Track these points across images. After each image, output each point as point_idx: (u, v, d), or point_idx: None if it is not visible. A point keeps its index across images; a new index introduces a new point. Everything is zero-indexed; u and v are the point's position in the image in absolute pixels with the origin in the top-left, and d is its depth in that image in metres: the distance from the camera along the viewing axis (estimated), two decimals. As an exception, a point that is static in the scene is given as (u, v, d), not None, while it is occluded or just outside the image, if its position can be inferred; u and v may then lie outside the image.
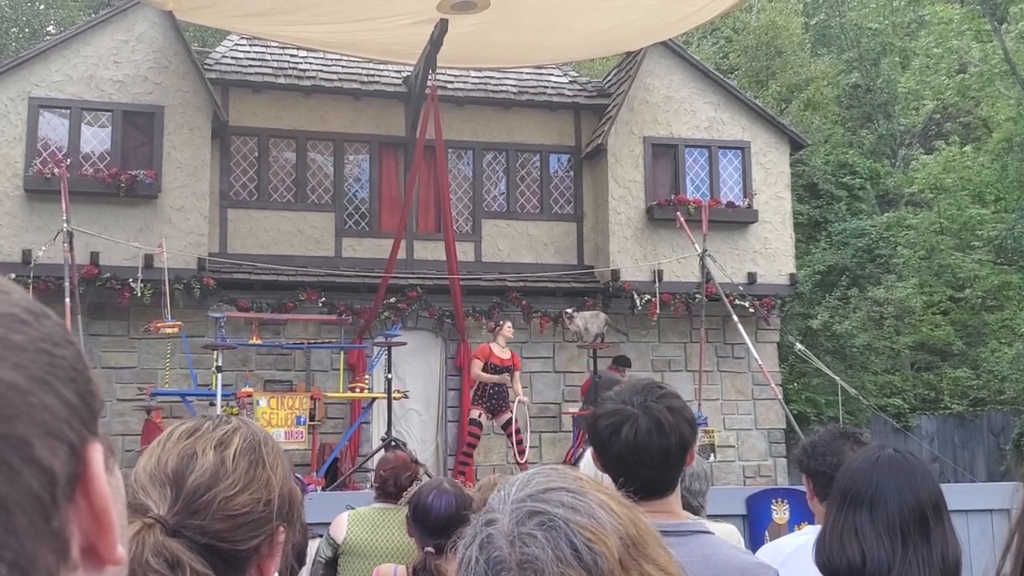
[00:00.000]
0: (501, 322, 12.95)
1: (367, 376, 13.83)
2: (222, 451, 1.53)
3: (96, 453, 0.68)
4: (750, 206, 16.41)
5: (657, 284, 15.48)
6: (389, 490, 5.43)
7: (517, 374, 12.73)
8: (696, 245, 13.63)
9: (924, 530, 2.41)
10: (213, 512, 1.47)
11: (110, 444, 0.72)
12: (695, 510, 4.00)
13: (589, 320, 13.44)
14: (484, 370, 12.39)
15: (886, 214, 24.33)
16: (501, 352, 12.49)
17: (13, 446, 0.62)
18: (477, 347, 13.10)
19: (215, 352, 11.80)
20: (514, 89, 16.67)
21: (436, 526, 4.02)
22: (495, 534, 1.01)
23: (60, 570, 0.64)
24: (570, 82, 17.35)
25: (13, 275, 13.31)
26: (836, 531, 2.49)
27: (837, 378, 14.83)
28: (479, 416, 12.38)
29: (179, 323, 12.50)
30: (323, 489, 11.17)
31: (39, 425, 0.63)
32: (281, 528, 1.55)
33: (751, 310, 15.52)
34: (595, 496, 1.04)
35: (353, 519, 5.34)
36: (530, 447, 13.03)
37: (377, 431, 14.20)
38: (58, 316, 0.70)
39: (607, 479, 2.49)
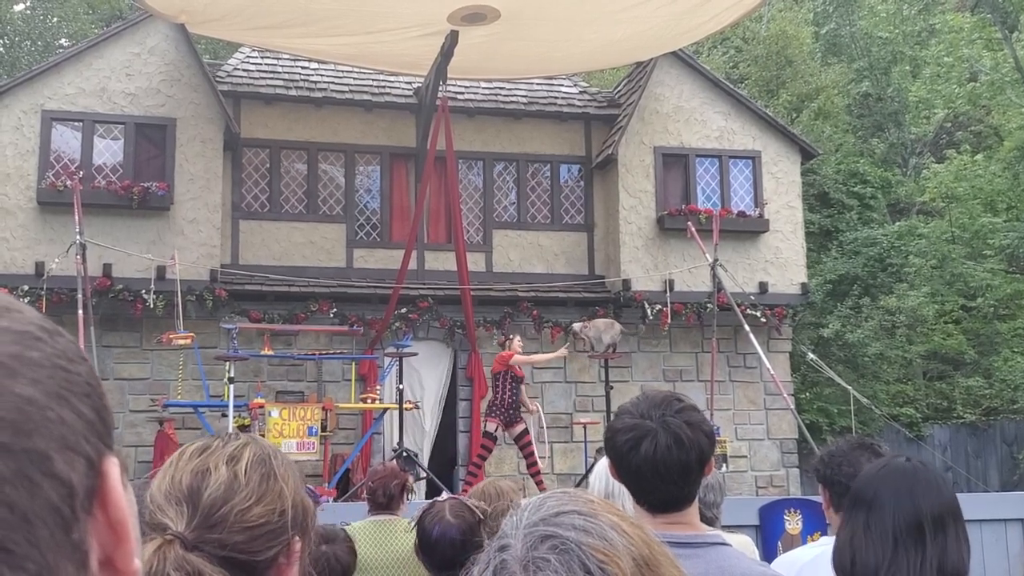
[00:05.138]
0: (512, 336, 12.87)
1: (378, 386, 13.84)
2: (234, 465, 1.56)
3: (113, 466, 0.69)
4: (761, 215, 16.40)
5: (668, 294, 15.46)
6: (380, 500, 5.38)
7: (523, 387, 12.69)
8: (707, 255, 13.61)
9: (919, 540, 2.41)
10: (230, 525, 1.50)
11: (124, 459, 0.73)
12: (709, 521, 4.00)
13: (603, 330, 13.40)
14: (502, 378, 12.21)
15: (897, 223, 24.27)
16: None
17: (33, 460, 0.63)
18: (503, 353, 12.51)
19: (227, 363, 11.82)
20: (524, 100, 16.70)
21: (443, 561, 3.96)
22: (508, 560, 1.02)
23: None
24: (580, 92, 17.38)
25: (26, 287, 13.40)
26: (840, 535, 2.53)
27: (849, 388, 14.80)
28: (495, 429, 12.29)
29: (191, 334, 12.53)
30: (335, 500, 11.17)
31: (57, 439, 0.64)
32: (297, 538, 1.57)
33: (763, 320, 15.50)
34: (607, 518, 1.04)
35: (350, 535, 5.31)
36: (540, 457, 13.00)
37: (389, 441, 14.21)
38: (70, 332, 0.72)
39: (623, 489, 2.50)
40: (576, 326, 13.75)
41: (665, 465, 2.35)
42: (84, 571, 0.66)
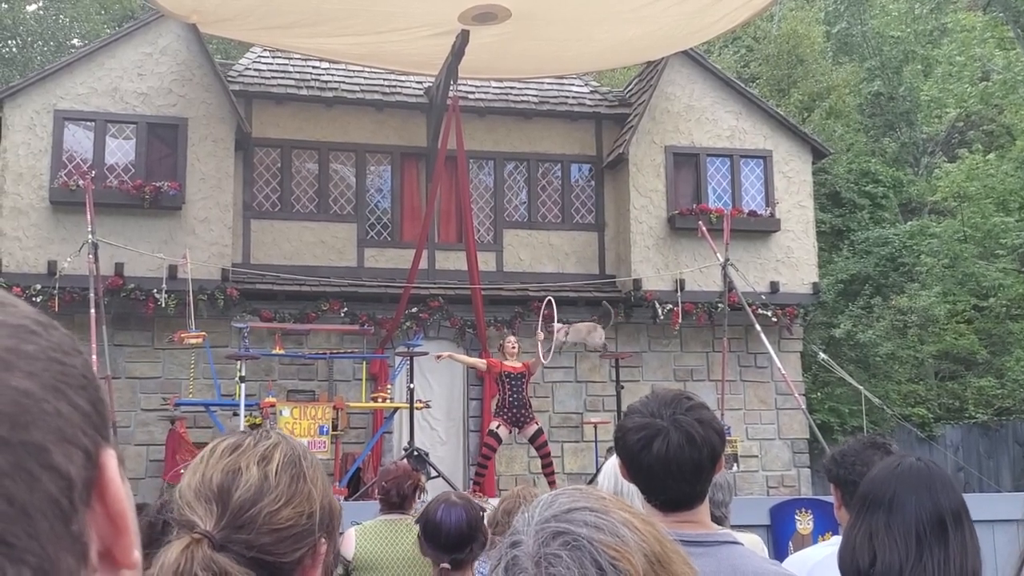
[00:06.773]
0: (502, 341, 12.69)
1: (389, 386, 13.86)
2: (265, 466, 1.57)
3: (110, 459, 0.70)
4: (772, 215, 16.37)
5: (679, 293, 15.44)
6: (393, 500, 5.40)
7: (536, 370, 12.44)
8: (718, 254, 13.58)
9: (943, 537, 2.41)
10: (258, 527, 1.51)
11: (121, 452, 0.73)
12: (718, 520, 3.99)
13: (585, 334, 13.20)
14: (498, 380, 12.10)
15: (909, 222, 24.18)
16: (512, 363, 12.20)
17: (31, 452, 0.63)
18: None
19: (238, 362, 11.85)
20: (535, 99, 16.69)
21: (448, 542, 3.98)
22: (520, 556, 1.02)
23: (80, 574, 0.66)
24: (591, 92, 17.36)
25: (39, 286, 13.46)
26: (852, 535, 2.50)
27: (861, 387, 14.75)
28: (497, 428, 12.07)
29: (203, 333, 12.56)
30: (346, 499, 11.19)
31: (55, 431, 0.65)
32: (323, 540, 1.59)
33: (774, 319, 15.47)
34: (618, 514, 1.04)
35: (360, 534, 5.30)
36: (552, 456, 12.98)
37: (399, 441, 14.23)
38: (82, 332, 0.72)
39: (633, 489, 2.50)
40: (560, 336, 13.31)
41: (678, 464, 2.35)
42: (84, 563, 0.66)
